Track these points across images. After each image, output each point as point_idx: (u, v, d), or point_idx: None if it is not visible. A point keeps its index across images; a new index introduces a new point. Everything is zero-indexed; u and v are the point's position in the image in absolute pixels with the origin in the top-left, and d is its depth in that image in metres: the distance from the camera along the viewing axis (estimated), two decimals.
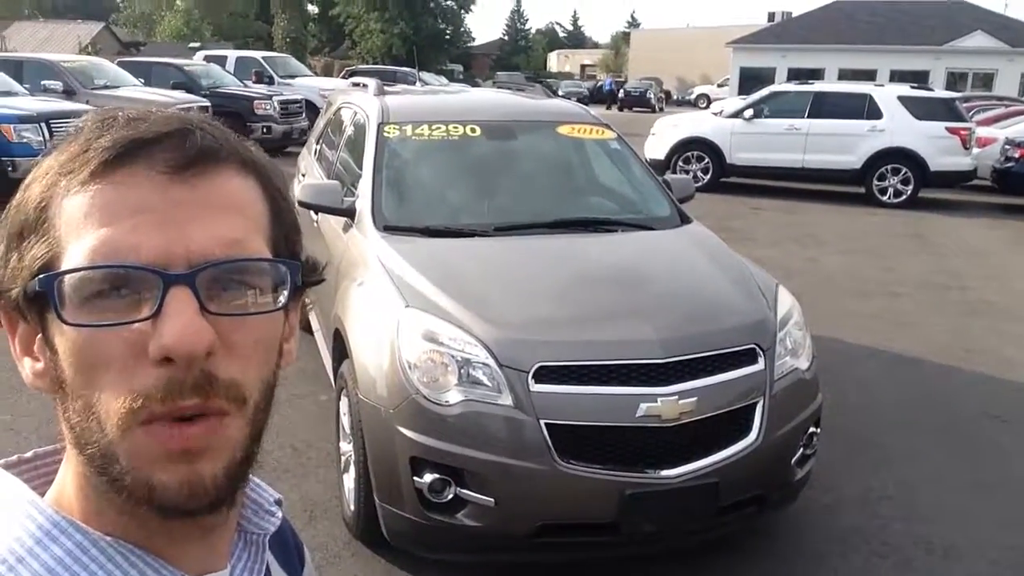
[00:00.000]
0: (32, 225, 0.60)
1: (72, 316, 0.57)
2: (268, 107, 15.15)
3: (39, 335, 0.61)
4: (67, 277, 0.57)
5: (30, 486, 0.63)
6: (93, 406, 0.57)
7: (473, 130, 4.46)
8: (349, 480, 3.37)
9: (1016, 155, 12.74)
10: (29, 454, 0.68)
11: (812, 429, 3.36)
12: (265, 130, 14.96)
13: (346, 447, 3.46)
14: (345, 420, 3.47)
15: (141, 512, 0.59)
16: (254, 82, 17.71)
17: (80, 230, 0.58)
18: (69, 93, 12.19)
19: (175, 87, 14.64)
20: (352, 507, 3.32)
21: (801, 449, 3.31)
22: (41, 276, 0.58)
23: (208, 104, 13.67)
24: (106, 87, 13.04)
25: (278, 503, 0.74)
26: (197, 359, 0.56)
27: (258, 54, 20.46)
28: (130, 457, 0.57)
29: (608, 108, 38.50)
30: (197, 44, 28.71)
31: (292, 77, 19.48)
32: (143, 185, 0.58)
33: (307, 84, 18.93)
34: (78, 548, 0.60)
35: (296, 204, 3.01)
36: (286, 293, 0.63)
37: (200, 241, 0.58)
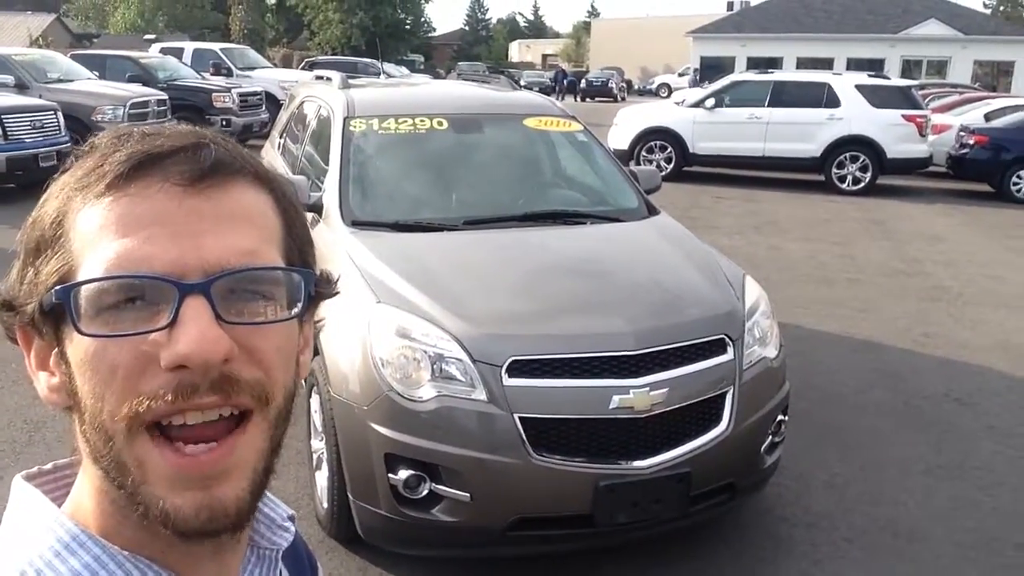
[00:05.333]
0: (48, 240, 0.60)
1: (88, 327, 0.57)
2: (227, 99, 14.93)
3: (55, 350, 0.61)
4: (83, 288, 0.57)
5: (50, 498, 0.64)
6: (103, 415, 0.58)
7: (440, 123, 4.44)
8: (322, 478, 3.35)
9: (971, 142, 13.01)
10: (49, 466, 0.68)
11: (780, 417, 3.41)
12: (224, 123, 14.72)
13: (317, 444, 3.44)
14: (316, 417, 3.45)
15: (158, 529, 0.59)
16: (212, 74, 17.44)
17: (95, 242, 0.58)
18: (22, 87, 11.88)
19: (131, 80, 14.32)
20: (325, 505, 3.31)
21: (770, 437, 3.35)
22: (58, 287, 0.58)
23: (165, 97, 13.45)
24: (60, 81, 12.70)
25: (291, 519, 0.74)
26: (213, 365, 0.56)
27: (216, 45, 20.15)
28: (139, 469, 0.58)
29: (561, 98, 38.03)
30: (153, 36, 28.09)
31: (251, 69, 19.23)
32: (158, 197, 0.59)
33: (266, 76, 18.72)
34: (96, 562, 0.60)
35: None
36: (301, 302, 0.63)
37: (215, 251, 0.59)
